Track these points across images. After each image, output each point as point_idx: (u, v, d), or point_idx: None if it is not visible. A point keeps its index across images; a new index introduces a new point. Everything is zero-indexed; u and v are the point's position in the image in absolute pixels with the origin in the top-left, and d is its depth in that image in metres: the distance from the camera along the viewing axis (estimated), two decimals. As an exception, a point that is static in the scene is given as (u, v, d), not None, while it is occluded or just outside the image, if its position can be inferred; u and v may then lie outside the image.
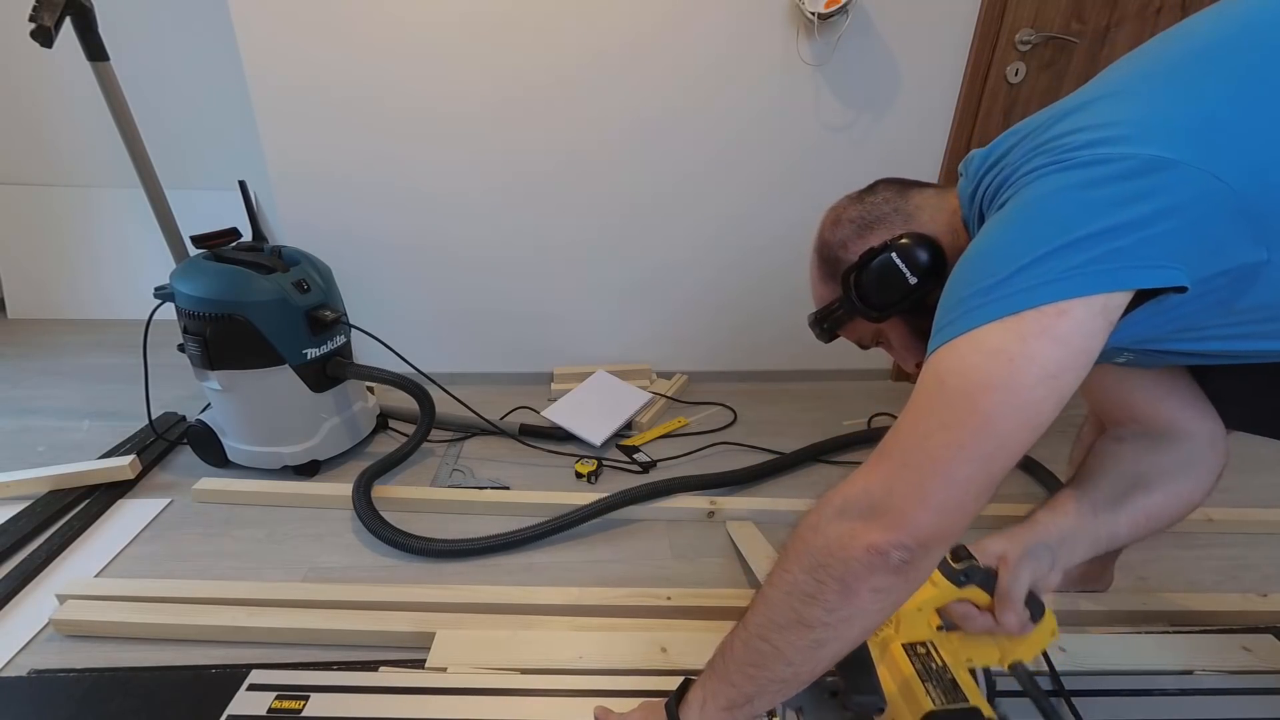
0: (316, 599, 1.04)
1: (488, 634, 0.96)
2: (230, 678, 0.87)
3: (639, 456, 1.33)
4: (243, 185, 1.45)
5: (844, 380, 1.95)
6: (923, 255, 0.67)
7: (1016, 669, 0.70)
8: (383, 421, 1.61)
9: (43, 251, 2.28)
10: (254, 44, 1.49)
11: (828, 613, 0.52)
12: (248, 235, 1.43)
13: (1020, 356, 0.47)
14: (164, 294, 1.29)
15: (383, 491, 1.32)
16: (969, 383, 0.49)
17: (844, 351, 1.92)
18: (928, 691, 0.64)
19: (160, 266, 1.41)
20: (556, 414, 1.58)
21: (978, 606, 0.67)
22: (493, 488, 1.38)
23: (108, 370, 1.90)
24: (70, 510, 1.27)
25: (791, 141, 1.65)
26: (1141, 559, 1.14)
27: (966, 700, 0.64)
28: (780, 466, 1.47)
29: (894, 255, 0.67)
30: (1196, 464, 0.72)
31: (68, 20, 1.19)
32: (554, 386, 1.83)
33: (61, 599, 1.02)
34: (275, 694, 0.85)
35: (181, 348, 1.30)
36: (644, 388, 1.82)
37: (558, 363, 1.90)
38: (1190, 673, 0.90)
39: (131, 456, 1.37)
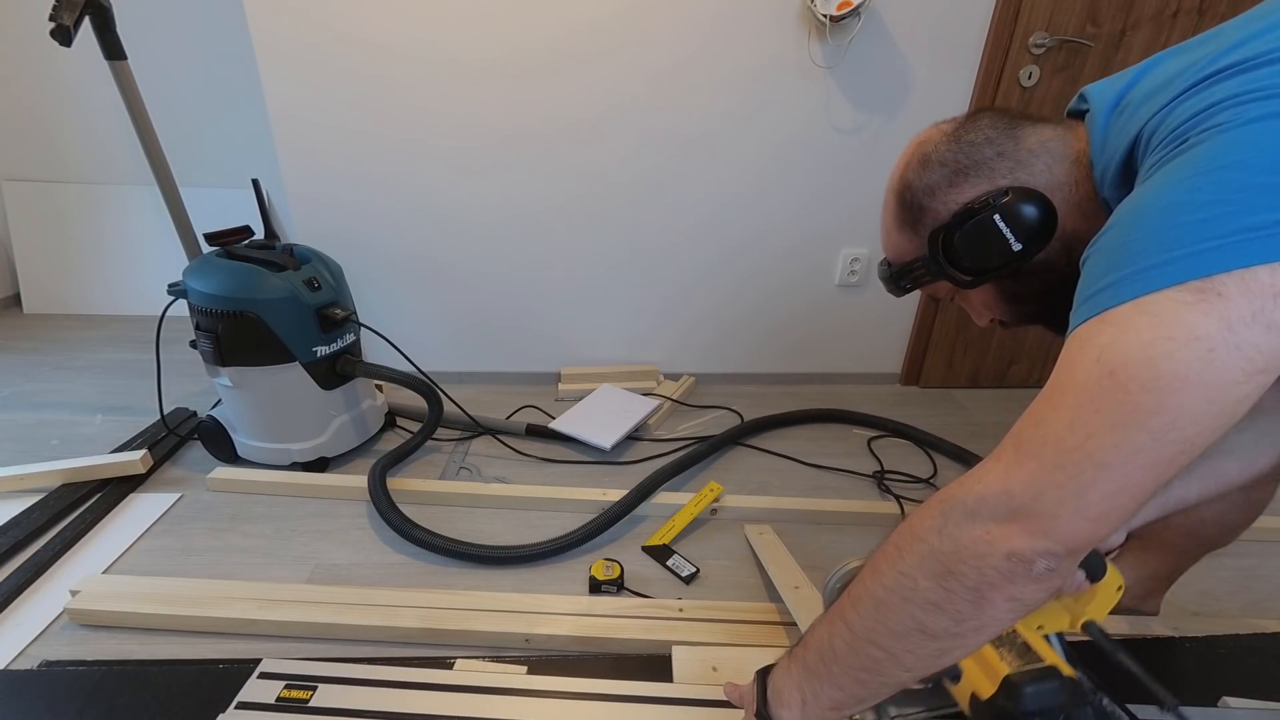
0: (324, 595, 1.05)
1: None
2: (239, 672, 0.88)
3: (673, 561, 1.18)
4: (255, 183, 1.46)
5: (852, 384, 1.94)
6: (1032, 215, 0.57)
7: (1090, 628, 0.67)
8: (391, 420, 1.62)
9: (58, 247, 2.30)
10: (275, 75, 1.52)
11: (956, 623, 0.47)
12: (260, 233, 1.44)
13: (1223, 346, 0.38)
14: (177, 290, 1.31)
15: (391, 484, 1.32)
16: (1155, 375, 0.40)
17: (851, 354, 1.93)
18: (1001, 657, 0.64)
19: (173, 263, 1.42)
20: (565, 425, 1.58)
21: None
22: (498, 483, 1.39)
23: (121, 365, 1.92)
24: (83, 504, 1.28)
25: (803, 145, 1.64)
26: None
27: (1042, 661, 0.63)
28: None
29: (996, 217, 0.57)
30: (1273, 433, 0.68)
31: (86, 19, 1.21)
32: (561, 387, 1.83)
33: (74, 593, 1.03)
34: (284, 683, 0.86)
35: (194, 344, 1.31)
36: (651, 390, 1.83)
37: (565, 363, 1.90)
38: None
39: (143, 451, 1.38)
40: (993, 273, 0.61)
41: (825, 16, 1.44)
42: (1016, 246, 0.58)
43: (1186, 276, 0.40)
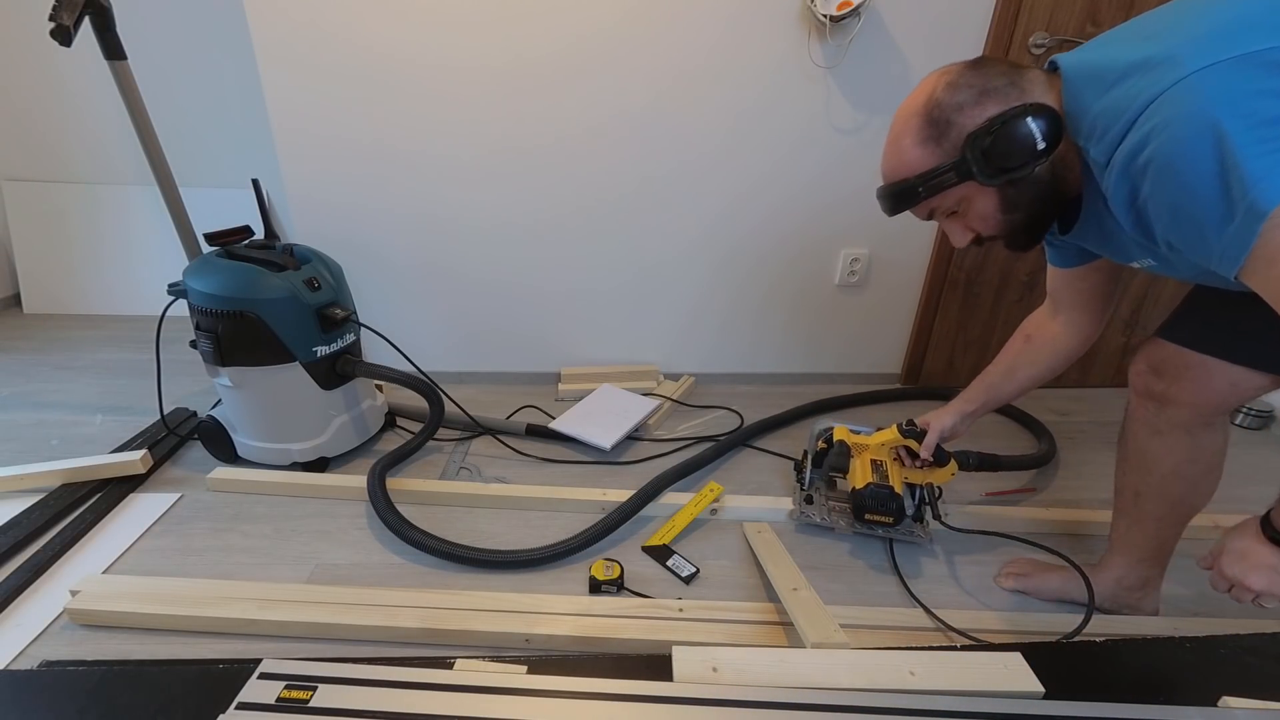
0: (324, 595, 1.05)
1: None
2: (239, 672, 0.88)
3: (673, 561, 1.19)
4: (255, 184, 1.46)
5: (852, 384, 1.94)
6: (1050, 119, 0.71)
7: (931, 487, 1.23)
8: (391, 420, 1.62)
9: (58, 248, 2.30)
10: (277, 80, 1.52)
11: None
12: (260, 233, 1.44)
13: None
14: (177, 290, 1.31)
15: (391, 484, 1.32)
16: None
17: (851, 354, 1.93)
18: (870, 476, 1.19)
19: (173, 263, 1.42)
20: (565, 425, 1.58)
21: (912, 451, 1.19)
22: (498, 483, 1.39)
23: (121, 365, 1.92)
24: (83, 504, 1.28)
25: (803, 145, 1.64)
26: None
27: (889, 485, 1.18)
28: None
29: (1029, 119, 0.71)
30: (1061, 353, 1.03)
31: (86, 19, 1.21)
32: (561, 387, 1.83)
33: (74, 593, 1.03)
34: (284, 683, 0.85)
35: (194, 344, 1.31)
36: (651, 390, 1.83)
37: (565, 363, 1.90)
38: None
39: (143, 451, 1.38)
40: (1017, 171, 0.73)
41: (825, 17, 1.44)
42: (1041, 145, 0.71)
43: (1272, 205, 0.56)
